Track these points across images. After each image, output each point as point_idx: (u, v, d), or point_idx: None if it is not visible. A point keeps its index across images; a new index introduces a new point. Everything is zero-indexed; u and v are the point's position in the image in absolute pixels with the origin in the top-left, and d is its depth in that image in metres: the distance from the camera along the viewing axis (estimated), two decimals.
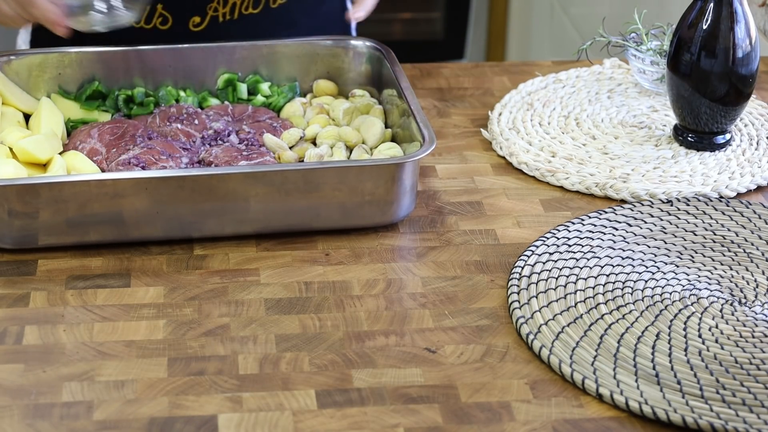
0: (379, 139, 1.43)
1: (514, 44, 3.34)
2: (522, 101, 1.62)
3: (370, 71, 1.54)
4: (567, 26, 2.90)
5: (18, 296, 1.24)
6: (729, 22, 1.43)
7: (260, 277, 1.27)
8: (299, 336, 1.18)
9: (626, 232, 1.33)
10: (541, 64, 1.74)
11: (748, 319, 1.20)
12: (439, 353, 1.17)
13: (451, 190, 1.43)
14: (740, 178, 1.45)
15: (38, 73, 1.50)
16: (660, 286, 1.25)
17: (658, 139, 1.53)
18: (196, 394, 1.11)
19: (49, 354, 1.16)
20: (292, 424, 1.07)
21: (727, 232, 1.34)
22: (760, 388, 1.11)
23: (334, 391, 1.11)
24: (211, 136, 1.44)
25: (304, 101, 1.53)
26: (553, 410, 1.10)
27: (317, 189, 1.30)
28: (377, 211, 1.33)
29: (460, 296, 1.25)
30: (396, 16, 3.39)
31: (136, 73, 1.52)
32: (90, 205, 1.27)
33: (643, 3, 1.81)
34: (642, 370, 1.13)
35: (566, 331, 1.18)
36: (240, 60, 1.54)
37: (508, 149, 1.50)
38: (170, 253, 1.30)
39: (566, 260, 1.28)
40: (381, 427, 1.08)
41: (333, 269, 1.29)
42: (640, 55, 1.62)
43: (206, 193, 1.28)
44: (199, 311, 1.22)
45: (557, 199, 1.42)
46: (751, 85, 1.46)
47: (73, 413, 1.08)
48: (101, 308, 1.22)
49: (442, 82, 1.69)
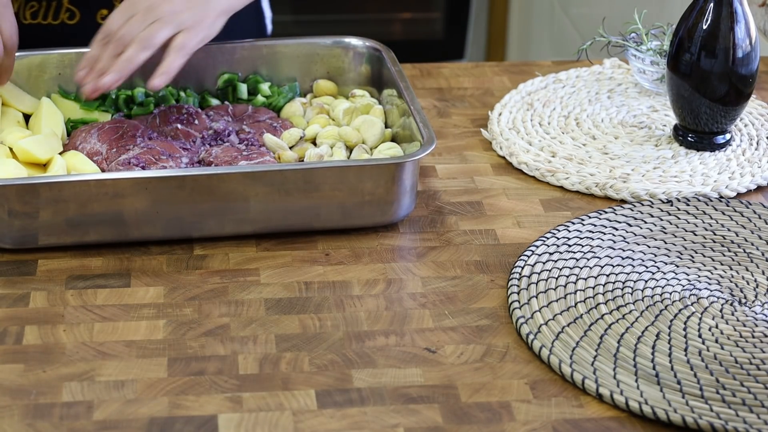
0: (379, 139, 1.43)
1: (514, 44, 3.34)
2: (522, 101, 1.62)
3: (370, 71, 1.54)
4: (567, 26, 2.90)
5: (18, 296, 1.24)
6: (729, 22, 1.43)
7: (260, 277, 1.27)
8: (299, 336, 1.18)
9: (626, 232, 1.34)
10: (541, 64, 1.74)
11: (748, 319, 1.20)
12: (439, 353, 1.17)
13: (451, 190, 1.43)
14: (740, 178, 1.45)
15: (38, 73, 1.50)
16: (660, 286, 1.25)
17: (658, 139, 1.53)
18: (196, 394, 1.11)
19: (49, 354, 1.16)
20: (292, 424, 1.07)
21: (727, 232, 1.34)
22: (760, 388, 1.11)
23: (334, 391, 1.11)
24: (211, 136, 1.44)
25: (304, 101, 1.53)
26: (553, 410, 1.10)
27: (317, 189, 1.30)
28: (377, 211, 1.33)
29: (460, 296, 1.25)
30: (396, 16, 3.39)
31: (136, 73, 1.51)
32: (90, 205, 1.27)
33: (643, 3, 1.81)
34: (642, 370, 1.13)
35: (566, 331, 1.18)
36: (240, 60, 1.54)
37: (508, 149, 1.50)
38: (170, 253, 1.30)
39: (566, 260, 1.28)
40: (381, 427, 1.08)
41: (333, 269, 1.29)
42: (640, 55, 1.62)
43: (206, 193, 1.28)
44: (199, 311, 1.22)
45: (557, 199, 1.42)
46: (751, 85, 1.46)
47: (73, 413, 1.08)
48: (101, 308, 1.22)
49: (442, 82, 1.69)
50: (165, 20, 1.37)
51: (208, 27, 1.41)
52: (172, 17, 1.37)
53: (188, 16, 1.38)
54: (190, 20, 1.39)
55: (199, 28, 1.39)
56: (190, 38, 1.39)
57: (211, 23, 1.41)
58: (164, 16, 1.37)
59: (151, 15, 1.37)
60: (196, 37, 1.39)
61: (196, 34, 1.39)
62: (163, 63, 1.37)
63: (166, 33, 1.37)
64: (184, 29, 1.38)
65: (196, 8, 1.39)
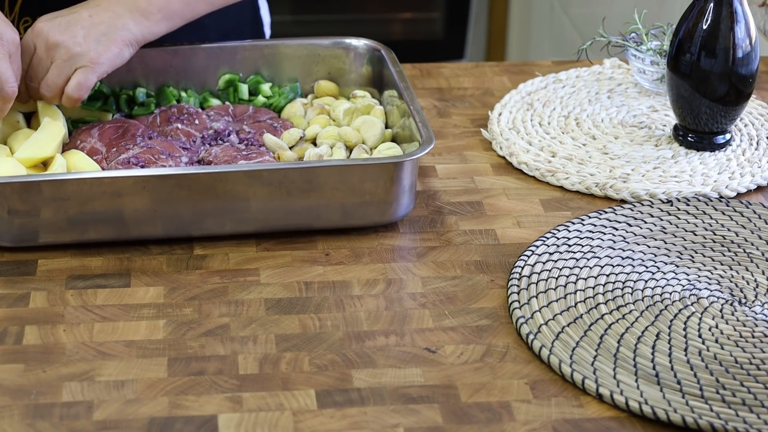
0: (379, 140, 1.43)
1: (514, 44, 3.34)
2: (522, 101, 1.62)
3: (371, 72, 1.54)
4: (567, 26, 2.90)
5: (18, 296, 1.24)
6: (729, 22, 1.43)
7: (260, 277, 1.27)
8: (299, 336, 1.18)
9: (626, 232, 1.34)
10: (541, 64, 1.74)
11: (748, 319, 1.20)
12: (439, 353, 1.17)
13: (451, 190, 1.43)
14: (740, 178, 1.45)
15: None
16: (660, 286, 1.25)
17: (658, 139, 1.53)
18: (196, 394, 1.11)
19: (49, 354, 1.16)
20: (292, 424, 1.07)
21: (727, 232, 1.34)
22: (760, 388, 1.11)
23: (334, 391, 1.11)
24: (211, 135, 1.44)
25: (305, 102, 1.53)
26: (553, 410, 1.10)
27: (317, 188, 1.30)
28: (377, 210, 1.33)
29: (460, 296, 1.25)
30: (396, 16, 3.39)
31: (137, 74, 1.52)
32: (89, 203, 1.27)
33: (643, 3, 1.81)
34: (642, 370, 1.13)
35: (566, 331, 1.18)
36: (241, 60, 1.54)
37: (508, 149, 1.50)
38: (170, 253, 1.31)
39: (566, 260, 1.28)
40: (381, 427, 1.08)
41: (333, 269, 1.29)
42: (640, 55, 1.62)
43: (206, 193, 1.28)
44: (199, 311, 1.22)
45: (557, 199, 1.42)
46: (751, 85, 1.47)
47: (73, 413, 1.08)
48: (101, 308, 1.22)
49: (442, 82, 1.69)
50: (61, 64, 1.36)
51: (111, 60, 1.37)
52: (67, 58, 1.36)
53: (86, 50, 1.36)
54: (88, 56, 1.36)
55: (97, 64, 1.37)
56: (86, 78, 1.36)
57: (115, 55, 1.38)
58: (59, 57, 1.36)
59: (50, 54, 1.36)
60: (93, 74, 1.37)
61: (94, 71, 1.37)
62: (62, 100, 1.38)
63: (63, 77, 1.36)
64: (81, 67, 1.36)
65: (98, 41, 1.36)
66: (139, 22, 1.40)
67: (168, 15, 1.42)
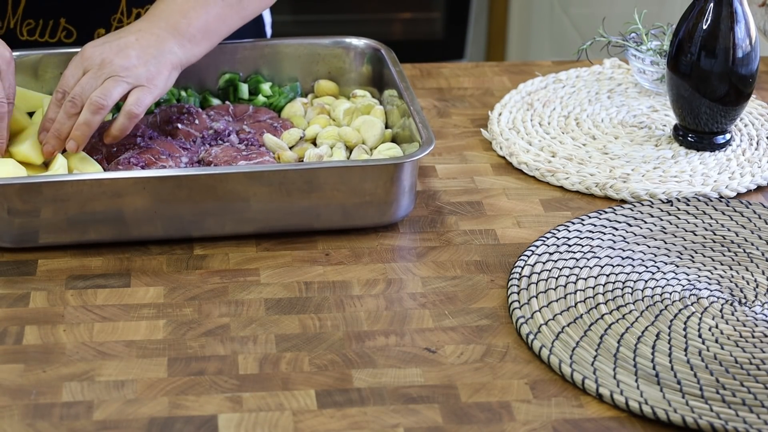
0: (378, 140, 1.43)
1: (514, 44, 3.34)
2: (522, 101, 1.62)
3: (371, 71, 1.54)
4: (567, 26, 2.90)
5: (18, 296, 1.24)
6: (729, 22, 1.43)
7: (260, 277, 1.27)
8: (299, 336, 1.18)
9: (626, 232, 1.34)
10: (541, 64, 1.74)
11: (748, 319, 1.20)
12: (439, 353, 1.17)
13: (451, 190, 1.43)
14: (740, 178, 1.45)
15: (39, 72, 1.50)
16: (660, 286, 1.25)
17: (658, 139, 1.53)
18: (196, 394, 1.11)
19: (49, 354, 1.16)
20: (292, 424, 1.07)
21: (727, 232, 1.34)
22: (760, 388, 1.11)
23: (334, 391, 1.11)
24: (211, 135, 1.44)
25: (305, 101, 1.53)
26: (553, 410, 1.10)
27: (317, 189, 1.30)
28: (377, 211, 1.33)
29: (460, 296, 1.25)
30: (396, 16, 3.39)
31: None
32: (89, 203, 1.27)
33: (643, 3, 1.81)
34: (642, 370, 1.13)
35: (566, 331, 1.18)
36: (241, 60, 1.54)
37: (508, 149, 1.50)
38: (170, 253, 1.31)
39: (566, 260, 1.28)
40: (381, 427, 1.08)
41: (333, 269, 1.29)
42: (640, 55, 1.62)
43: (206, 193, 1.28)
44: (199, 311, 1.22)
45: (557, 199, 1.42)
46: (751, 85, 1.47)
47: (73, 413, 1.08)
48: (101, 308, 1.22)
49: (442, 82, 1.69)
50: (118, 77, 1.33)
51: (163, 83, 1.36)
52: (125, 73, 1.33)
53: (142, 71, 1.34)
54: (144, 76, 1.34)
55: (152, 85, 1.34)
56: (144, 97, 1.34)
57: (166, 78, 1.36)
58: (117, 72, 1.33)
59: (105, 71, 1.33)
60: (150, 94, 1.34)
61: (150, 92, 1.34)
62: (116, 123, 1.34)
63: (120, 91, 1.33)
64: (138, 86, 1.34)
65: (149, 63, 1.34)
66: (183, 45, 1.38)
67: (207, 35, 1.41)
